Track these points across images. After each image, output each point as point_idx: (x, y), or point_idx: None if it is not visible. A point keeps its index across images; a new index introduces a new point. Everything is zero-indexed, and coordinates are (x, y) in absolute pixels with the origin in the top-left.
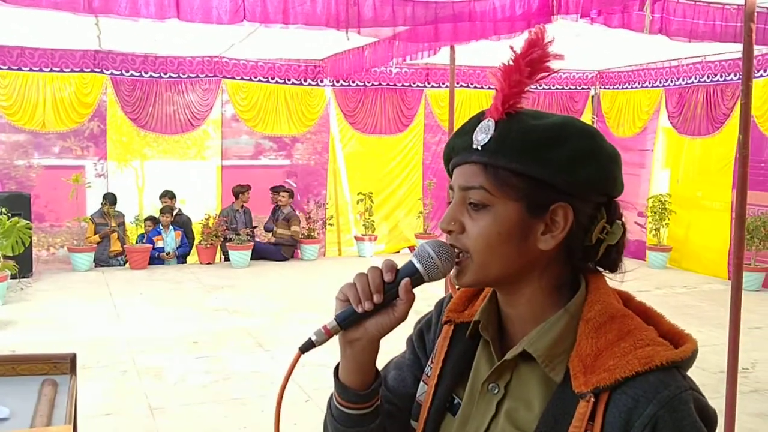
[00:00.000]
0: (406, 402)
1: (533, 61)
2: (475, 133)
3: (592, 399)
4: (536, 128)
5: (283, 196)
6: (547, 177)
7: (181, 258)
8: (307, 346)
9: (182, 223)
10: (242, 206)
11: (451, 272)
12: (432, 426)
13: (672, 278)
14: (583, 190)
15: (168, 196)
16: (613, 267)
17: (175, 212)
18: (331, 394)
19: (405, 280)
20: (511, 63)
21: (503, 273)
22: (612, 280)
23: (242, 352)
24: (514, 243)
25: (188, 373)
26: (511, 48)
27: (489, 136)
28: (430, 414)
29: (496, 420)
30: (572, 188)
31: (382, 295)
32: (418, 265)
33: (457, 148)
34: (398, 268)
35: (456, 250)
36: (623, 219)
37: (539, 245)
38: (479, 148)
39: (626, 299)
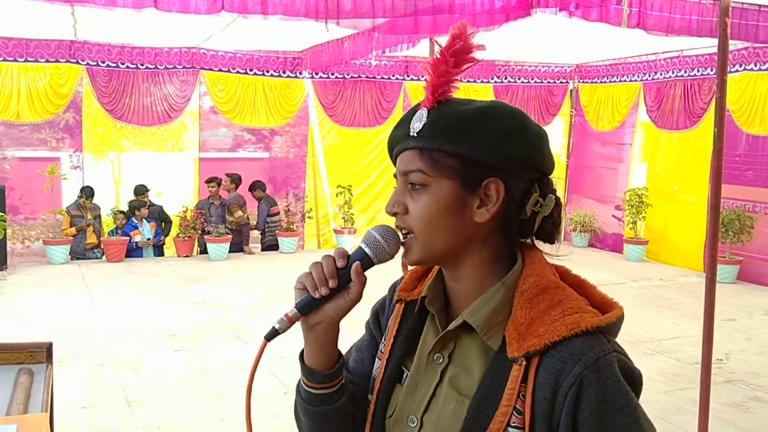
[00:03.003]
0: (365, 380)
1: (456, 52)
2: (411, 122)
3: (524, 363)
4: (464, 112)
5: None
6: (477, 155)
7: (156, 248)
8: (272, 334)
9: (154, 214)
10: (220, 199)
11: (401, 252)
12: (383, 397)
13: (648, 271)
14: (512, 164)
15: (144, 191)
16: (550, 238)
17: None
18: (299, 380)
19: (355, 264)
20: (438, 56)
21: (445, 248)
22: (588, 269)
23: (220, 344)
24: (452, 218)
25: (166, 366)
26: (436, 42)
27: (422, 123)
28: (381, 386)
29: (440, 386)
30: (501, 163)
31: (336, 279)
32: (366, 249)
33: (398, 138)
34: (350, 254)
35: (402, 231)
36: (556, 194)
37: (475, 218)
38: (415, 134)
39: (563, 273)
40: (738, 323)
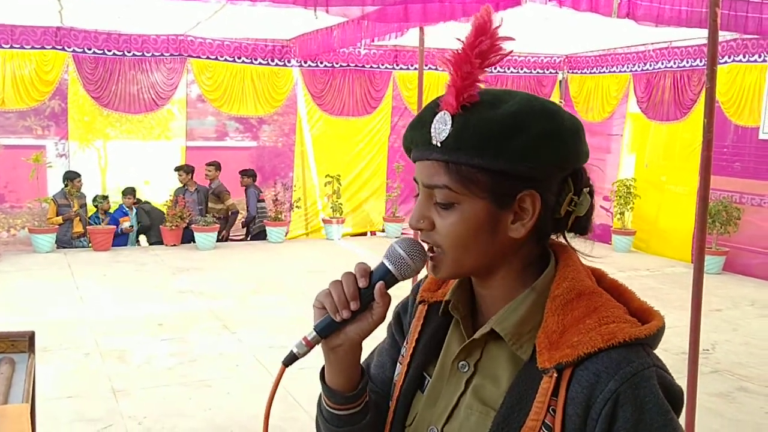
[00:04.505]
0: (386, 387)
1: (483, 53)
2: (432, 126)
3: (555, 375)
4: (494, 119)
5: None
6: (511, 168)
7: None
8: (290, 360)
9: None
10: (195, 185)
11: (428, 267)
12: (403, 404)
13: (636, 261)
14: (546, 172)
15: (131, 193)
16: (584, 232)
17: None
18: (320, 396)
19: (379, 284)
20: (461, 53)
21: (477, 264)
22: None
23: (208, 334)
24: (484, 237)
25: (152, 356)
26: (459, 40)
27: (447, 131)
28: (401, 392)
29: (464, 396)
30: (537, 174)
31: (358, 302)
32: (390, 267)
33: (417, 141)
34: (371, 270)
35: (428, 245)
36: (591, 184)
37: (510, 234)
38: (438, 144)
39: (599, 276)
40: (724, 314)
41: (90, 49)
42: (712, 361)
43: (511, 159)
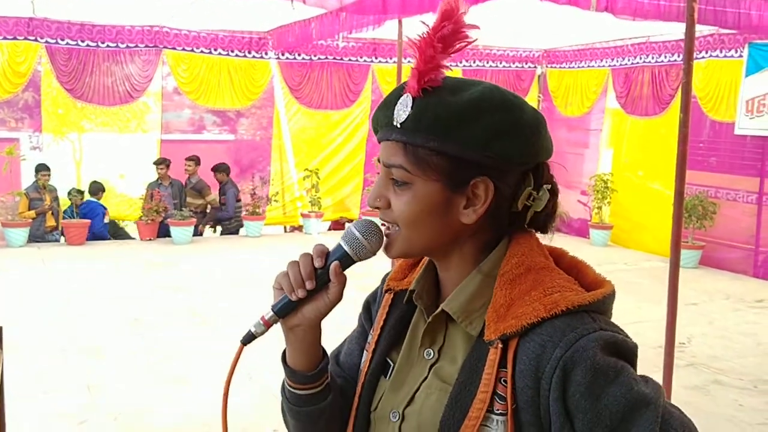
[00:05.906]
0: (354, 372)
1: (445, 37)
2: (395, 108)
3: (500, 345)
4: (452, 105)
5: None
6: (465, 153)
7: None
8: (248, 338)
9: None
10: (169, 179)
11: (382, 246)
12: (368, 390)
13: (613, 255)
14: (501, 163)
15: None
16: (543, 229)
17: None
18: (284, 379)
19: (334, 263)
20: (425, 37)
21: (428, 245)
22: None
23: (184, 329)
24: (436, 218)
25: (128, 351)
26: (424, 23)
27: (407, 113)
28: (366, 378)
29: (426, 380)
30: (491, 162)
31: (314, 281)
32: (346, 248)
33: (381, 122)
34: (328, 251)
35: (385, 224)
36: (553, 182)
37: (461, 219)
38: (398, 125)
39: (559, 255)
40: (700, 307)
41: (63, 40)
42: (687, 355)
43: (464, 145)
